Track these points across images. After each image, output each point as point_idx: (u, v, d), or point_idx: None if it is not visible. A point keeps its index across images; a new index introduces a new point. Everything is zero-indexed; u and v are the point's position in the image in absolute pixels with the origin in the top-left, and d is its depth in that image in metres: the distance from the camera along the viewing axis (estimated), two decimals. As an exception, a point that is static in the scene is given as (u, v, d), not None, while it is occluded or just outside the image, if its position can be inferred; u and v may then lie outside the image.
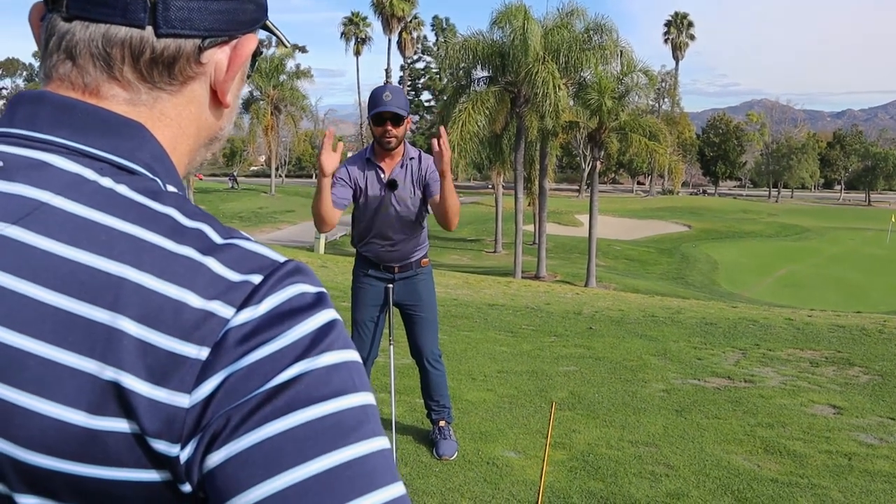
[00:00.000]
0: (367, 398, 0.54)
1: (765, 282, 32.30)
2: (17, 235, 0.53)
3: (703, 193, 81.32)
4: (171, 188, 0.60)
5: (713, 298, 20.47)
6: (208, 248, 0.54)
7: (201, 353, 0.51)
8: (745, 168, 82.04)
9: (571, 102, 24.91)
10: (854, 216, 61.50)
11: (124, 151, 0.58)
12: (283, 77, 46.10)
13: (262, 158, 76.17)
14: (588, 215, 27.34)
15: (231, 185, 59.73)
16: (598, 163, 26.43)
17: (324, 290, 0.57)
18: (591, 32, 24.31)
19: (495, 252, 35.97)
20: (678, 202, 62.94)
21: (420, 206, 3.55)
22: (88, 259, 0.52)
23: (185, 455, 0.50)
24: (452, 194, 3.31)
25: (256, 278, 0.54)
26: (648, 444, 4.13)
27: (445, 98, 29.19)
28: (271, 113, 45.51)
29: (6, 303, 0.51)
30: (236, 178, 62.75)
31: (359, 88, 62.34)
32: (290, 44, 0.79)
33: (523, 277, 24.16)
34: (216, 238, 0.56)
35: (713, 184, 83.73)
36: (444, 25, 61.78)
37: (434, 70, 61.83)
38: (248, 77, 0.70)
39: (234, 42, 0.64)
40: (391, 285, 3.66)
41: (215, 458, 0.50)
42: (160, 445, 0.50)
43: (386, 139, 3.39)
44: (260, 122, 45.13)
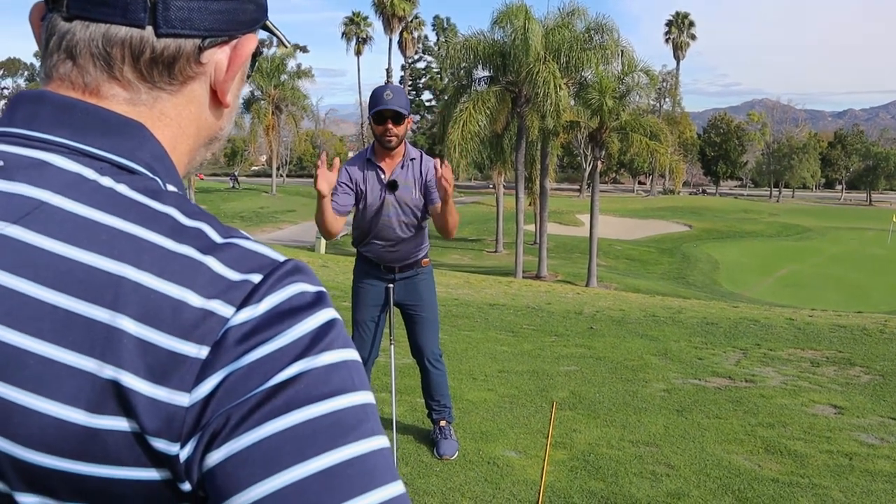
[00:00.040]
0: (366, 397, 0.54)
1: (766, 282, 32.28)
2: (18, 234, 0.53)
3: (703, 193, 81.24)
4: (171, 188, 0.60)
5: (714, 298, 20.47)
6: (208, 247, 0.54)
7: (201, 351, 0.51)
8: (746, 168, 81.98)
9: (572, 102, 24.90)
10: (855, 216, 61.46)
11: (124, 151, 0.59)
12: (284, 77, 46.12)
13: (264, 158, 76.22)
14: (589, 215, 27.34)
15: (232, 184, 59.75)
16: (599, 162, 26.44)
17: (323, 289, 0.57)
18: (592, 32, 24.33)
19: (496, 252, 35.97)
20: (679, 202, 62.90)
21: (420, 207, 3.55)
22: (88, 258, 0.52)
23: (184, 454, 0.51)
24: (453, 213, 3.39)
25: (256, 277, 0.54)
26: (649, 443, 4.13)
27: (446, 98, 29.20)
28: (272, 113, 45.51)
29: (6, 301, 0.51)
30: (237, 178, 62.76)
31: (360, 88, 62.30)
32: (290, 44, 0.79)
33: (524, 277, 24.17)
34: (216, 237, 0.56)
35: (714, 183, 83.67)
36: (445, 25, 61.74)
37: (435, 70, 61.83)
38: (248, 77, 0.70)
39: (234, 42, 0.64)
40: (392, 285, 3.66)
41: (215, 457, 0.50)
42: (160, 444, 0.50)
43: (387, 138, 3.39)
44: (261, 121, 45.13)
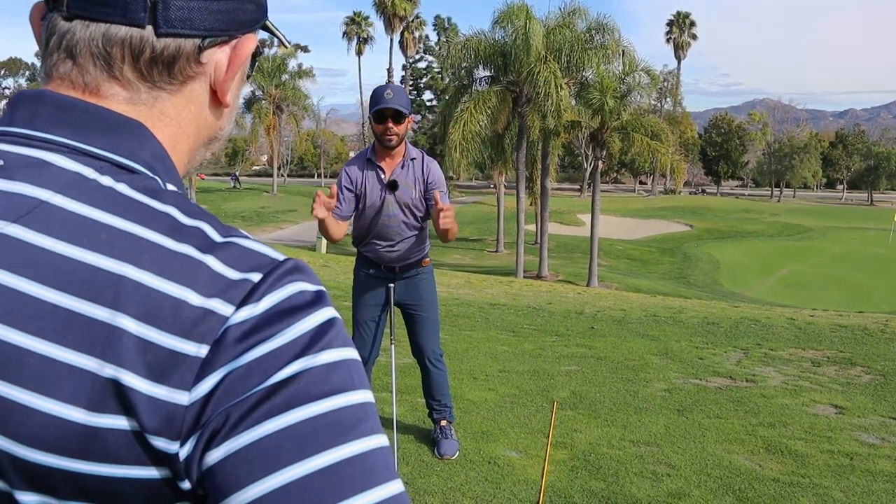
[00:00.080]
0: (365, 396, 0.54)
1: (767, 281, 32.25)
2: (18, 234, 0.53)
3: (702, 193, 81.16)
4: (170, 187, 0.60)
5: (715, 298, 20.45)
6: (208, 246, 0.55)
7: (201, 350, 0.51)
8: (747, 168, 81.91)
9: (573, 102, 24.87)
10: (856, 216, 61.41)
11: (124, 150, 0.59)
12: (285, 77, 46.13)
13: (265, 158, 76.30)
14: (590, 215, 27.32)
15: (233, 184, 59.77)
16: (600, 162, 26.42)
17: (323, 288, 0.57)
18: (593, 32, 24.29)
19: (497, 252, 35.96)
20: (680, 202, 62.87)
21: (421, 207, 3.55)
22: (88, 257, 0.52)
23: (184, 452, 0.51)
24: (452, 230, 3.38)
25: (256, 276, 0.54)
26: (650, 443, 4.13)
27: (447, 98, 29.17)
28: (273, 112, 45.52)
29: (7, 301, 0.51)
30: (238, 178, 62.79)
31: (361, 88, 62.25)
32: (290, 44, 0.79)
33: (525, 277, 24.16)
34: (215, 236, 0.56)
35: (715, 183, 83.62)
36: (446, 25, 61.63)
37: (436, 70, 61.69)
38: (248, 77, 0.70)
39: (233, 42, 0.64)
40: (392, 285, 3.67)
41: (215, 455, 0.50)
42: (159, 442, 0.50)
43: (387, 137, 3.39)
44: (262, 121, 45.14)
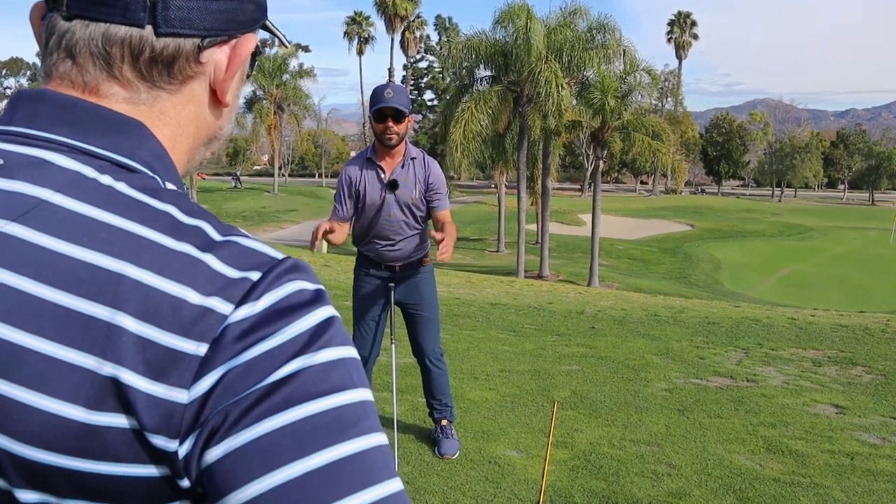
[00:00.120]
0: (365, 394, 0.54)
1: (768, 281, 32.23)
2: (18, 233, 0.53)
3: (702, 192, 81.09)
4: (170, 186, 0.60)
5: (716, 298, 20.44)
6: (207, 244, 0.55)
7: (200, 349, 0.51)
8: (748, 167, 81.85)
9: (574, 102, 24.86)
10: (857, 215, 61.37)
11: (124, 149, 0.59)
12: (286, 76, 46.11)
13: (266, 158, 76.28)
14: (591, 215, 27.29)
15: (234, 184, 59.80)
16: (600, 162, 26.39)
17: (322, 286, 0.57)
18: (594, 32, 24.27)
19: (498, 251, 35.96)
20: (681, 202, 62.85)
21: (421, 207, 3.55)
22: (88, 256, 0.52)
23: (183, 450, 0.51)
24: (450, 252, 3.40)
25: (255, 275, 0.54)
26: (650, 443, 4.13)
27: (448, 97, 29.16)
28: (274, 112, 45.52)
29: (6, 299, 0.52)
30: (239, 178, 62.79)
31: (362, 88, 62.19)
32: (290, 44, 0.79)
33: (526, 277, 24.16)
34: (215, 235, 0.56)
35: (716, 183, 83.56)
36: (447, 25, 61.63)
37: (437, 69, 61.69)
38: (247, 77, 0.70)
39: (233, 42, 0.64)
40: (392, 284, 3.67)
41: (214, 454, 0.50)
42: (158, 441, 0.51)
43: (387, 136, 3.39)
44: (263, 121, 45.14)
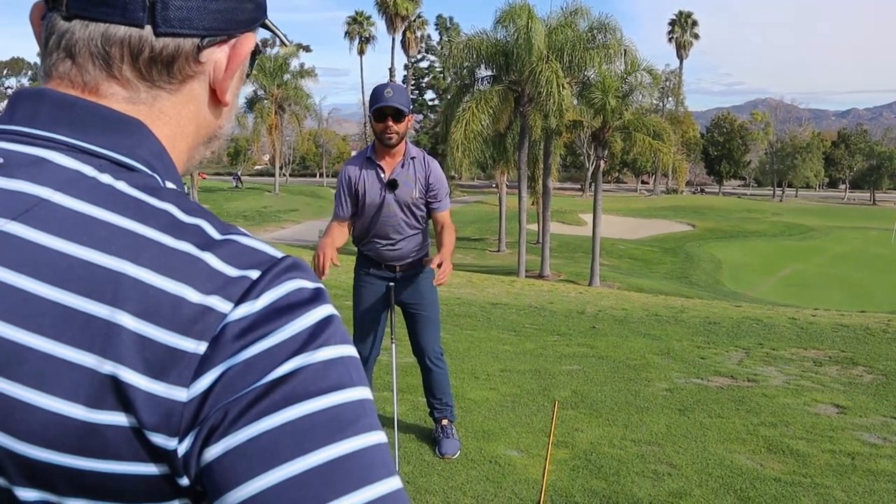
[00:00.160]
0: (364, 393, 0.54)
1: (769, 281, 32.22)
2: (18, 231, 0.53)
3: (702, 192, 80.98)
4: (169, 185, 0.60)
5: (717, 298, 20.44)
6: (206, 243, 0.55)
7: (199, 347, 0.51)
8: (749, 167, 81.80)
9: (575, 101, 24.85)
10: (859, 215, 61.33)
11: (124, 148, 0.59)
12: (287, 76, 46.14)
13: (267, 157, 76.31)
14: (592, 214, 27.29)
15: (235, 184, 59.84)
16: (601, 162, 26.39)
17: (321, 285, 0.57)
18: (595, 31, 24.26)
19: (499, 251, 35.96)
20: (682, 201, 62.83)
21: (421, 206, 3.55)
22: (88, 254, 0.52)
23: (182, 448, 0.51)
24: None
25: (254, 273, 0.54)
26: (651, 443, 4.13)
27: (449, 97, 29.16)
28: (275, 112, 45.55)
29: (6, 298, 0.52)
30: (240, 178, 62.82)
31: (363, 87, 62.10)
32: (290, 43, 0.79)
33: (527, 276, 24.15)
34: (214, 234, 0.56)
35: (717, 183, 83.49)
36: (448, 24, 61.61)
37: (438, 69, 61.69)
38: (247, 76, 0.71)
39: (232, 41, 0.64)
40: (392, 284, 3.67)
41: (213, 452, 0.50)
42: (158, 439, 0.51)
43: (387, 135, 3.39)
44: (264, 121, 45.16)
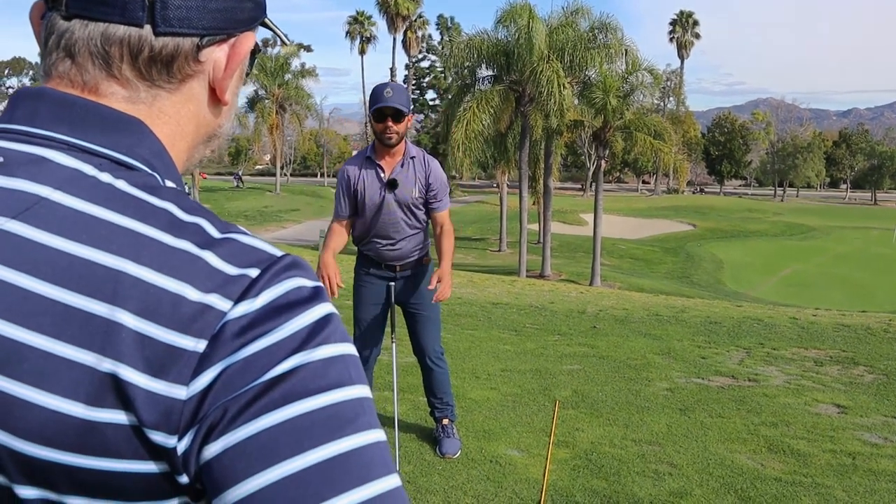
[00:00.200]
0: (363, 391, 0.54)
1: (770, 281, 32.19)
2: (18, 230, 0.53)
3: (702, 192, 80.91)
4: (169, 183, 0.61)
5: (718, 297, 20.42)
6: (206, 242, 0.55)
7: (199, 345, 0.51)
8: (750, 167, 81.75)
9: (576, 101, 24.84)
10: (860, 215, 61.28)
11: (123, 147, 0.59)
12: (288, 76, 46.18)
13: (268, 157, 76.29)
14: (593, 214, 27.27)
15: (236, 183, 59.84)
16: (602, 162, 26.37)
17: (321, 284, 0.57)
18: (596, 31, 24.25)
19: (500, 251, 35.95)
20: (683, 201, 62.79)
21: (420, 206, 3.55)
22: (87, 253, 0.52)
23: (182, 446, 0.51)
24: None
25: (254, 272, 0.54)
26: (652, 442, 4.13)
27: (450, 97, 29.13)
28: (276, 112, 45.58)
29: (6, 296, 0.52)
30: (241, 177, 62.83)
31: (364, 87, 62.07)
32: (290, 42, 0.80)
33: (528, 276, 24.14)
34: (214, 232, 0.56)
35: (718, 183, 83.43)
36: (449, 24, 61.53)
37: (439, 69, 61.59)
38: (247, 75, 0.71)
39: (232, 40, 0.64)
40: (392, 283, 3.67)
41: (212, 450, 0.50)
42: (158, 437, 0.51)
43: (387, 135, 3.40)
44: (265, 120, 45.18)
